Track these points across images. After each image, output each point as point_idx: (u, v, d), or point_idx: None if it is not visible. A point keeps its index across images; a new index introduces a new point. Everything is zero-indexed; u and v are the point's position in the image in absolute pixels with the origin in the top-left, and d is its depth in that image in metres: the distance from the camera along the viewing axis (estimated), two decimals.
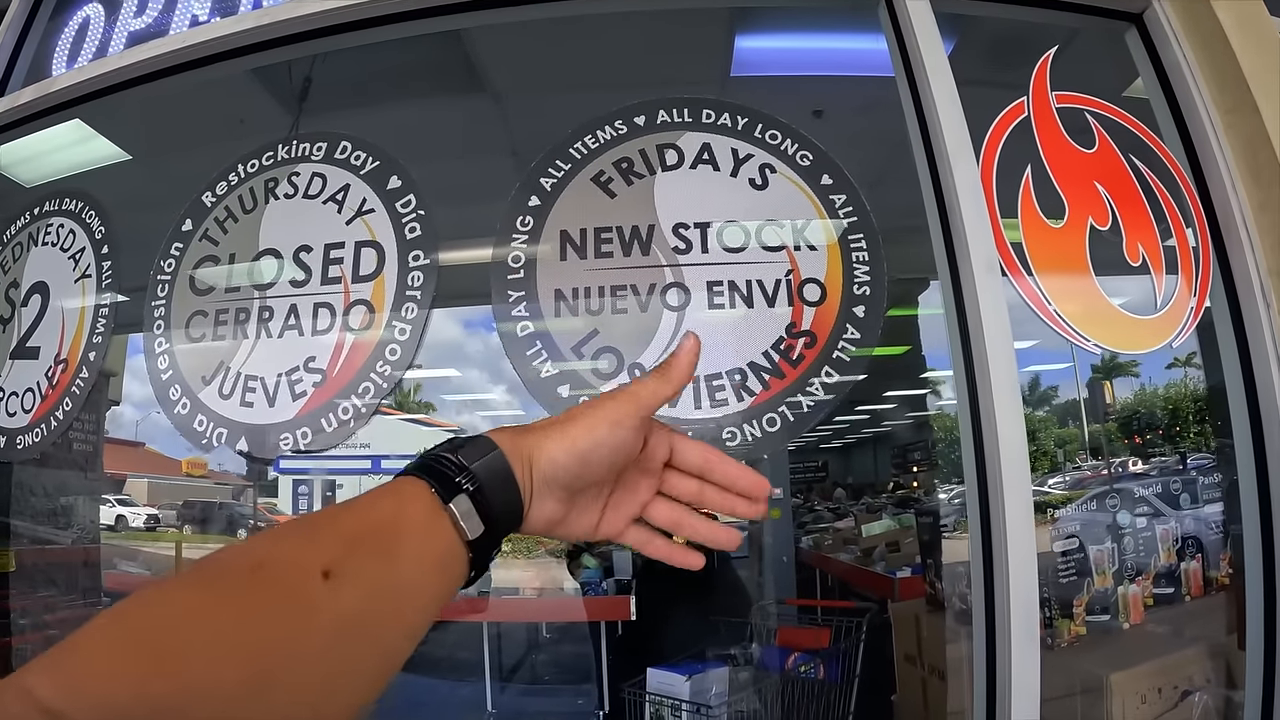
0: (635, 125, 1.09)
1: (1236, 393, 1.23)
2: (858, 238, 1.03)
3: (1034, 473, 1.74)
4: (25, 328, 1.34)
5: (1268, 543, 1.21)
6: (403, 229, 1.09)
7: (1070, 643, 1.48)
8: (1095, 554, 1.53)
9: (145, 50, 1.38)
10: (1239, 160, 1.25)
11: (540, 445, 0.41)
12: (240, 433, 1.08)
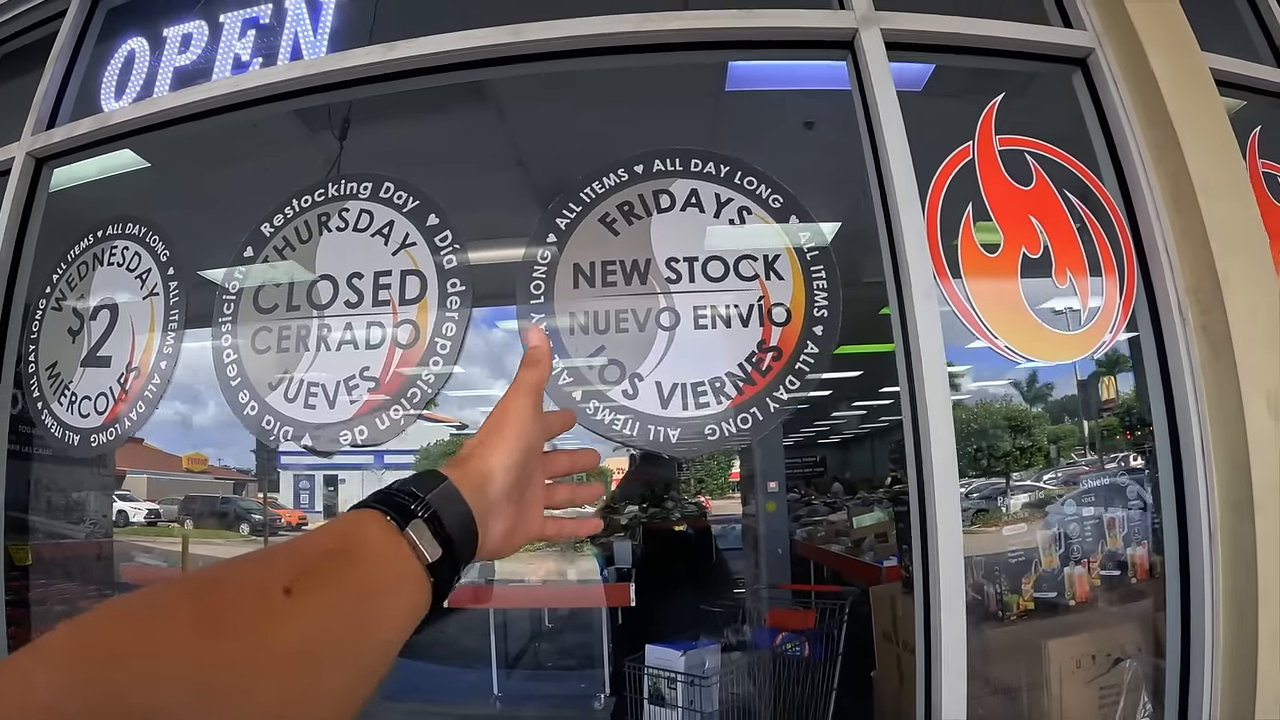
0: (635, 173, 1.40)
1: (1157, 396, 1.54)
2: (819, 269, 1.34)
3: (1029, 468, 2.07)
4: (95, 339, 1.64)
5: (1181, 524, 1.52)
6: (441, 260, 1.40)
7: (1019, 616, 1.80)
8: (1042, 538, 1.85)
9: (200, 92, 1.68)
10: (1164, 191, 1.56)
11: (485, 462, 0.48)
12: (304, 430, 1.38)
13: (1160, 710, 1.59)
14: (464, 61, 1.50)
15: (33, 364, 1.75)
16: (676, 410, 1.27)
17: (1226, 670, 1.46)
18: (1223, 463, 1.45)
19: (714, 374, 1.29)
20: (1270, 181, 1.82)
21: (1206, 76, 1.59)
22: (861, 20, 1.47)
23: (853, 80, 1.49)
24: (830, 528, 3.37)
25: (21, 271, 1.82)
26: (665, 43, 1.46)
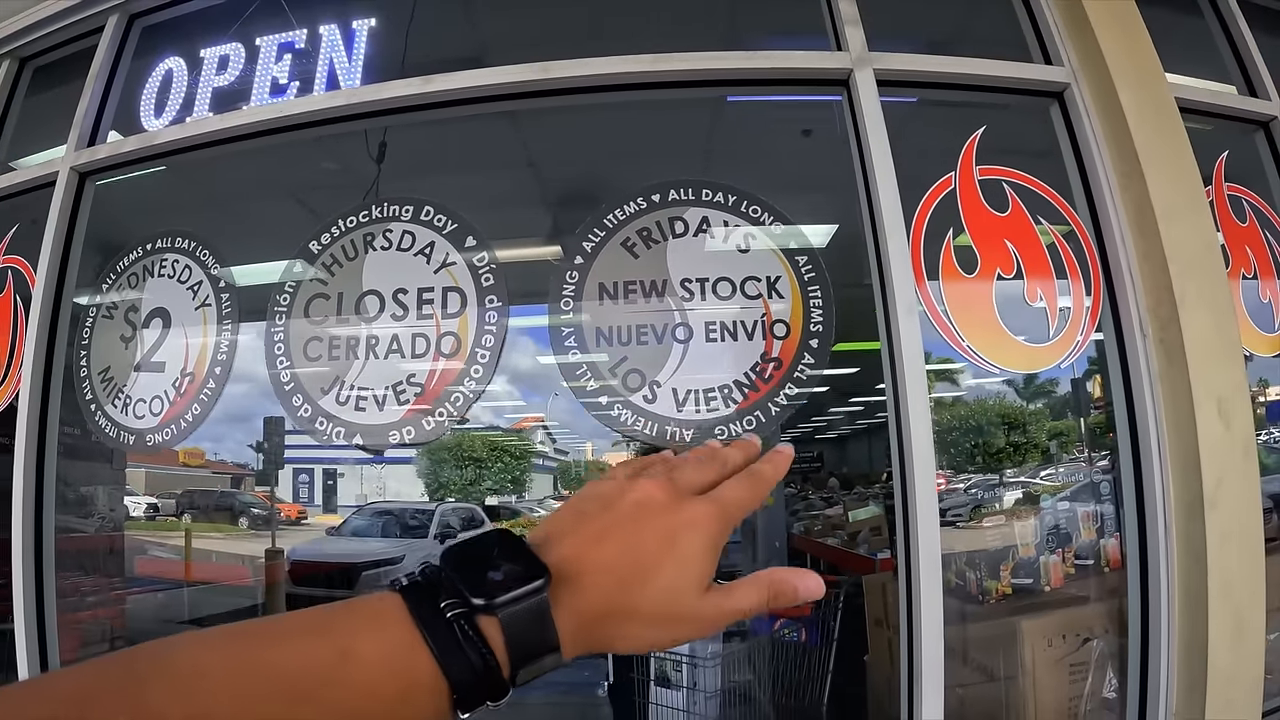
0: (652, 202, 1.62)
1: (1119, 402, 1.78)
2: (815, 289, 1.57)
3: (1025, 465, 2.31)
4: (149, 346, 1.86)
5: (1140, 519, 1.76)
6: (479, 279, 1.62)
7: (998, 599, 2.05)
8: (1019, 529, 2.10)
9: (244, 116, 1.89)
10: (1128, 215, 1.79)
11: (620, 644, 0.39)
12: (355, 431, 1.60)
13: (1125, 686, 1.83)
14: (495, 95, 1.72)
15: (84, 368, 1.96)
16: (690, 413, 1.51)
17: (1182, 651, 1.69)
18: (1177, 463, 1.69)
19: (723, 381, 1.52)
20: (1235, 204, 2.06)
21: (1172, 110, 1.82)
22: (856, 61, 1.69)
23: (846, 114, 1.71)
24: (826, 521, 3.61)
25: (68, 280, 2.03)
26: (678, 80, 1.68)
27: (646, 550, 0.38)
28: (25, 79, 2.49)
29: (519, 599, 0.35)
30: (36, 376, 1.95)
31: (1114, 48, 1.83)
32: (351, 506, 4.41)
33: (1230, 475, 1.65)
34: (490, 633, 0.34)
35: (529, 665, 0.35)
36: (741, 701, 2.47)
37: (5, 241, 2.25)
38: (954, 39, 2.02)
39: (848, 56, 1.70)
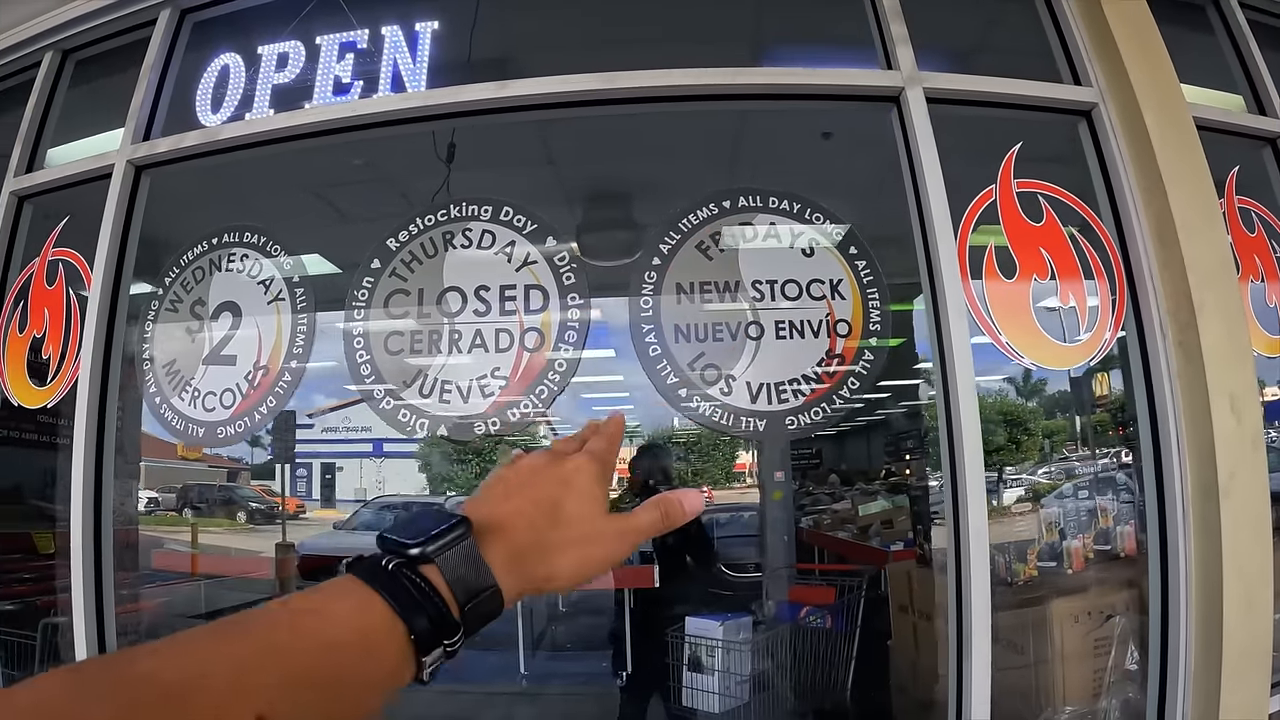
0: (724, 208, 1.79)
1: (1141, 398, 1.98)
2: (873, 291, 1.75)
3: (1024, 462, 2.51)
4: (218, 339, 1.97)
5: (1160, 505, 1.96)
6: (560, 278, 1.77)
7: (1025, 581, 2.26)
8: (1044, 516, 2.32)
9: (315, 114, 2.01)
10: (1150, 227, 2.00)
11: (554, 577, 0.46)
12: (440, 422, 1.74)
13: (1145, 660, 2.04)
14: (565, 101, 1.86)
15: (147, 361, 2.06)
16: (763, 405, 1.68)
17: (1199, 626, 1.90)
18: (1194, 453, 1.90)
19: (792, 375, 1.69)
20: (1245, 215, 2.28)
21: (1192, 130, 2.03)
22: (907, 80, 1.88)
23: (897, 129, 1.89)
24: (835, 516, 3.82)
25: (125, 272, 2.13)
26: (744, 93, 1.85)
27: (546, 492, 0.48)
28: (68, 71, 2.56)
29: (448, 544, 0.41)
30: (96, 368, 2.04)
31: (1139, 71, 2.03)
32: (350, 501, 4.50)
33: (1241, 465, 1.86)
34: (431, 575, 0.40)
35: (473, 603, 0.41)
36: (769, 685, 2.65)
37: (55, 234, 2.32)
38: (989, 56, 2.21)
39: (900, 75, 1.88)
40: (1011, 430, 2.58)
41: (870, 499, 3.65)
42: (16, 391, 2.30)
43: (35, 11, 2.53)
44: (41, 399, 2.25)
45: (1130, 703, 2.05)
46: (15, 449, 2.70)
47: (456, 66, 2.08)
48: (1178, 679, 1.91)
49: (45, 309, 2.29)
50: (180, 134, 2.16)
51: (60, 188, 2.36)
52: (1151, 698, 1.97)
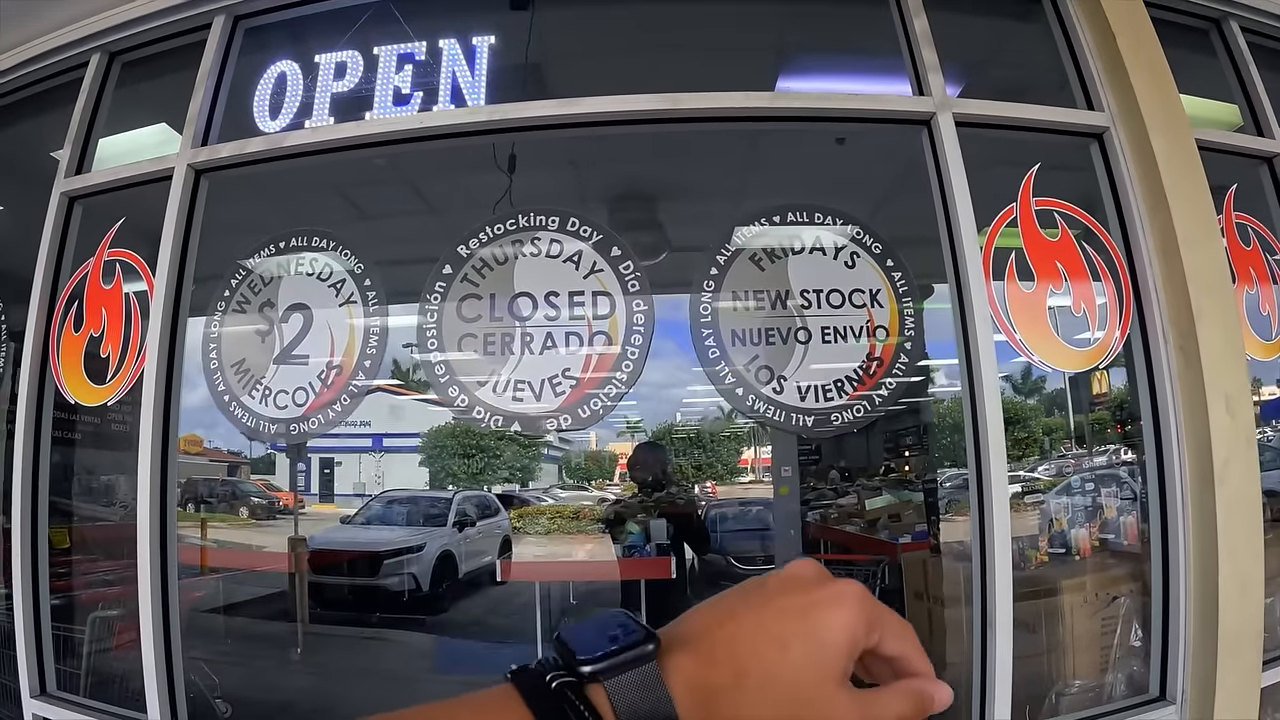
0: (773, 222, 2.06)
1: (1145, 396, 2.29)
2: (908, 301, 2.04)
3: (1024, 459, 2.82)
4: (289, 339, 2.19)
5: (1162, 493, 2.27)
6: (625, 284, 2.03)
7: (1037, 565, 2.56)
8: (1054, 506, 2.62)
9: (382, 124, 2.24)
10: (1154, 243, 2.30)
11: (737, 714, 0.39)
12: (514, 419, 1.99)
13: (1148, 638, 2.34)
14: (625, 119, 2.12)
15: (215, 360, 2.28)
16: (811, 403, 1.95)
17: (1197, 605, 2.20)
18: (1192, 447, 2.21)
19: (837, 376, 1.97)
20: (1241, 230, 2.60)
21: (1194, 153, 2.34)
22: (939, 105, 2.16)
23: (928, 150, 2.17)
24: (841, 511, 4.13)
25: (187, 273, 2.34)
26: (790, 115, 2.12)
27: (779, 624, 0.40)
28: (115, 73, 2.75)
29: (623, 665, 0.38)
30: (161, 367, 2.25)
31: (1148, 98, 2.34)
32: (349, 495, 4.70)
33: (1235, 458, 2.17)
34: (598, 701, 0.37)
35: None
36: None
37: (110, 235, 2.53)
38: (1011, 79, 2.51)
39: (931, 101, 2.16)
40: (1020, 428, 2.90)
41: (875, 494, 3.95)
42: (73, 389, 2.50)
43: (84, 13, 2.72)
44: (100, 397, 2.46)
45: (1134, 676, 2.36)
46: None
47: (513, 79, 2.32)
48: (1178, 654, 2.22)
49: (103, 308, 2.49)
50: (243, 140, 2.37)
51: (115, 189, 2.55)
52: (1154, 672, 2.29)
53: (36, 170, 3.10)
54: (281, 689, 3.15)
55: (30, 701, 2.51)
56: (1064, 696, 2.32)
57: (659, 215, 3.09)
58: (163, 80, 2.81)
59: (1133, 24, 2.42)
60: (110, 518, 3.06)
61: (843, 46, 2.79)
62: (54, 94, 2.91)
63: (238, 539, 4.50)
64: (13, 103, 3.03)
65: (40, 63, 2.87)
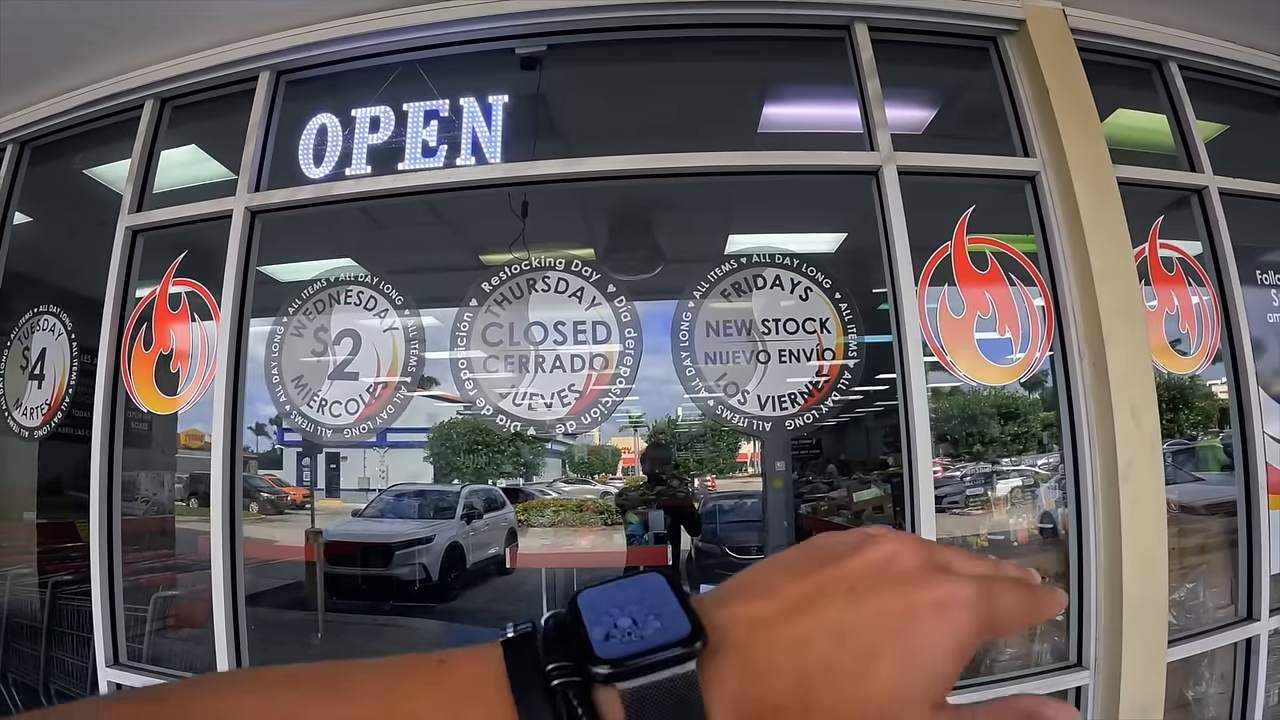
0: (742, 263, 2.86)
1: (1063, 406, 3.07)
2: (852, 327, 2.84)
3: (1023, 454, 3.62)
4: (341, 359, 3.01)
5: (1076, 489, 3.05)
6: (619, 316, 2.83)
7: (978, 550, 3.37)
8: (992, 500, 3.42)
9: (415, 178, 3.06)
10: (1075, 277, 3.08)
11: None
12: (529, 424, 2.80)
13: (1068, 612, 3.13)
14: (620, 175, 2.92)
15: (276, 375, 3.10)
16: (770, 411, 2.77)
17: (1105, 585, 2.99)
18: (1101, 449, 2.99)
19: (790, 390, 2.78)
20: (1166, 260, 3.38)
21: (1114, 195, 3.12)
22: (884, 159, 2.95)
23: (875, 197, 2.96)
24: (831, 503, 4.93)
25: (248, 300, 3.16)
26: (761, 170, 2.92)
27: (866, 628, 0.36)
28: (166, 116, 3.57)
29: (652, 666, 0.33)
30: (229, 383, 3.08)
31: (1074, 146, 3.11)
32: (353, 490, 5.45)
33: (1139, 458, 2.96)
34: (610, 712, 0.33)
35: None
36: None
37: (174, 265, 3.35)
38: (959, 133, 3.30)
39: (879, 155, 2.95)
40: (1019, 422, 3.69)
41: (864, 487, 4.75)
42: (146, 399, 3.33)
43: (139, 63, 3.53)
44: (172, 406, 3.29)
45: (1056, 646, 3.15)
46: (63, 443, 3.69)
47: (525, 130, 3.13)
48: (1090, 627, 3.00)
49: (171, 330, 3.31)
50: (294, 188, 3.19)
51: (176, 225, 3.37)
52: (1072, 642, 3.07)
53: (86, 196, 3.97)
54: None
55: (106, 670, 3.34)
56: (996, 662, 3.11)
57: (655, 236, 3.89)
58: (200, 111, 3.64)
59: (1065, 78, 3.20)
60: (134, 512, 3.80)
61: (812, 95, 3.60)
62: (107, 131, 3.73)
63: (251, 533, 5.32)
64: (69, 137, 3.86)
65: (97, 106, 3.68)
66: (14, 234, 3.95)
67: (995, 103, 3.30)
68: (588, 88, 3.49)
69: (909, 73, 3.39)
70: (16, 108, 3.86)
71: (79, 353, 3.64)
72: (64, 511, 4.28)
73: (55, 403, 3.63)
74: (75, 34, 3.32)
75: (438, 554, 4.97)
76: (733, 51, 3.36)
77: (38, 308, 3.75)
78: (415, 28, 3.21)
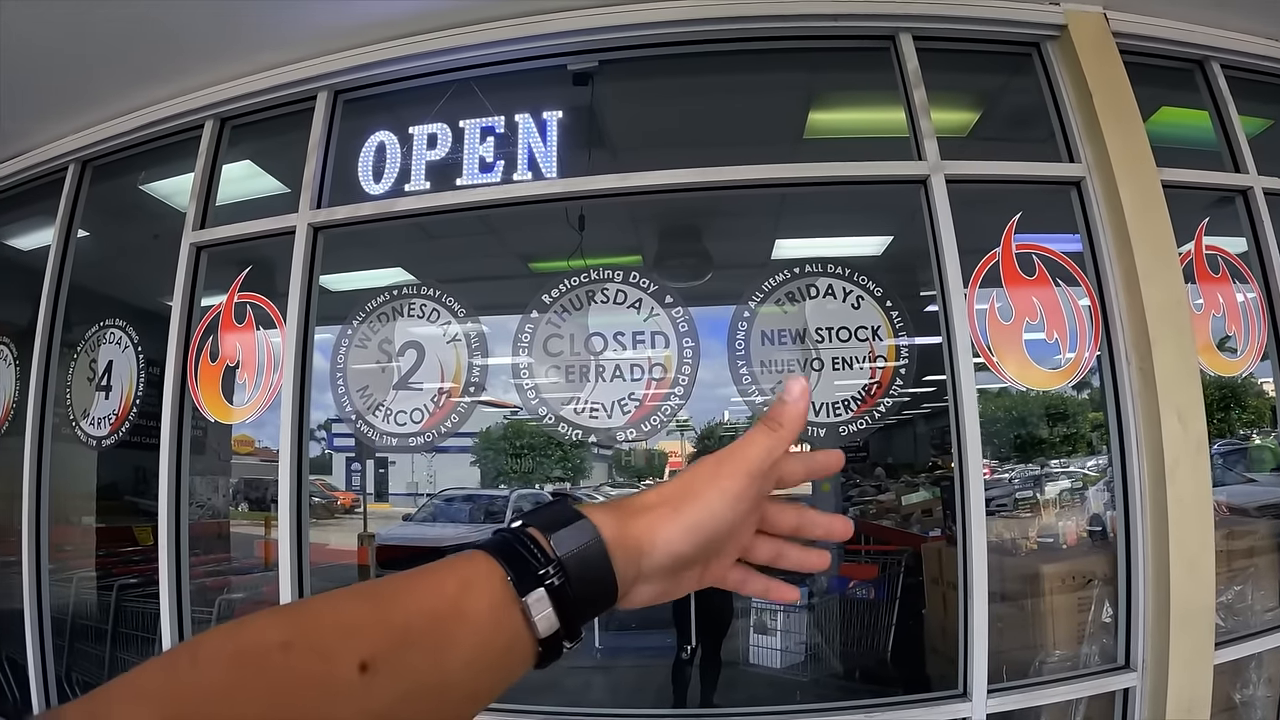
0: (794, 273, 3.10)
1: (1110, 410, 3.27)
2: (904, 335, 3.05)
3: (1071, 456, 3.84)
4: (406, 370, 3.27)
5: (1125, 489, 3.26)
6: (677, 325, 3.07)
7: (1027, 553, 3.57)
8: (1042, 502, 3.63)
9: (474, 194, 3.31)
10: (1121, 280, 3.28)
11: (653, 531, 0.60)
12: (590, 431, 3.04)
13: (1117, 613, 3.33)
14: (669, 189, 3.16)
15: (342, 385, 3.37)
16: (823, 418, 3.00)
17: (1153, 584, 3.20)
18: (1149, 451, 3.19)
19: (844, 396, 3.01)
20: (1211, 260, 3.56)
21: (1159, 199, 3.31)
22: (932, 168, 3.17)
23: (924, 206, 3.18)
24: (880, 506, 5.15)
25: (312, 311, 3.42)
26: (809, 182, 3.14)
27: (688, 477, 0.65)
28: (225, 136, 3.85)
29: (546, 505, 0.58)
30: (295, 392, 3.35)
31: (1118, 150, 3.31)
32: (401, 495, 5.66)
33: (1184, 460, 3.16)
34: (531, 531, 0.56)
35: (560, 531, 0.57)
36: (823, 646, 4.00)
37: (239, 280, 3.63)
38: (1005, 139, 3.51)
39: (927, 165, 3.17)
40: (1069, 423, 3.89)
41: (913, 490, 4.97)
42: (212, 409, 3.61)
43: (199, 84, 3.81)
44: (239, 416, 3.57)
45: (1105, 648, 3.35)
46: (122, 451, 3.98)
47: (579, 142, 3.37)
48: (1138, 629, 3.19)
49: (237, 343, 3.59)
50: (356, 205, 3.46)
51: (240, 241, 3.65)
52: (1120, 643, 3.27)
53: (145, 212, 4.27)
54: None
55: None
56: (1045, 664, 3.32)
57: (703, 243, 4.13)
58: (256, 129, 3.91)
59: (1108, 82, 3.39)
60: (191, 516, 4.06)
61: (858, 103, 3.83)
62: (165, 149, 4.02)
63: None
64: (128, 156, 4.15)
65: (158, 126, 3.97)
66: (76, 249, 4.26)
67: (1038, 107, 3.49)
68: (639, 101, 3.74)
69: (953, 80, 3.60)
70: (78, 129, 4.17)
71: (145, 364, 3.93)
72: (122, 516, 4.60)
73: (123, 413, 3.93)
74: (136, 57, 3.60)
75: None
76: (779, 64, 3.59)
77: (104, 321, 4.05)
78: (469, 47, 3.47)
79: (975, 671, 3.02)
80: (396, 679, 0.46)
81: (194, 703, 0.40)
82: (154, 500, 3.77)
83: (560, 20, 3.36)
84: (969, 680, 3.04)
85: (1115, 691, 3.20)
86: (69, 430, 4.08)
